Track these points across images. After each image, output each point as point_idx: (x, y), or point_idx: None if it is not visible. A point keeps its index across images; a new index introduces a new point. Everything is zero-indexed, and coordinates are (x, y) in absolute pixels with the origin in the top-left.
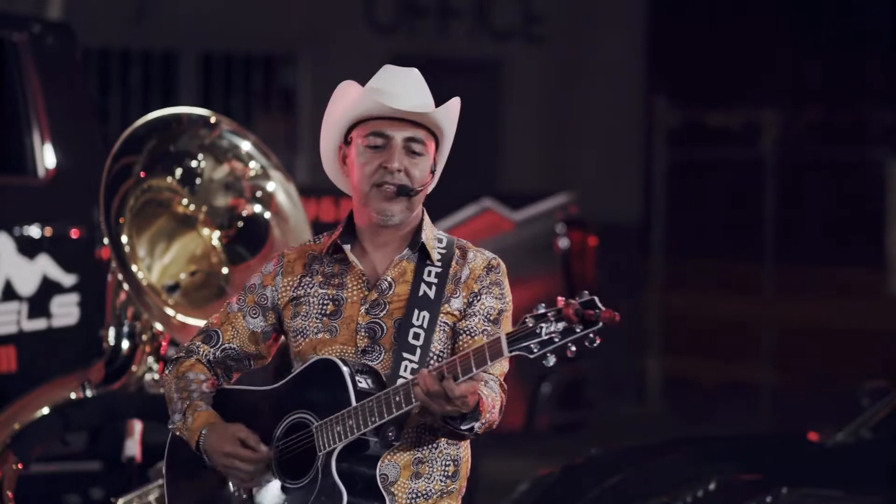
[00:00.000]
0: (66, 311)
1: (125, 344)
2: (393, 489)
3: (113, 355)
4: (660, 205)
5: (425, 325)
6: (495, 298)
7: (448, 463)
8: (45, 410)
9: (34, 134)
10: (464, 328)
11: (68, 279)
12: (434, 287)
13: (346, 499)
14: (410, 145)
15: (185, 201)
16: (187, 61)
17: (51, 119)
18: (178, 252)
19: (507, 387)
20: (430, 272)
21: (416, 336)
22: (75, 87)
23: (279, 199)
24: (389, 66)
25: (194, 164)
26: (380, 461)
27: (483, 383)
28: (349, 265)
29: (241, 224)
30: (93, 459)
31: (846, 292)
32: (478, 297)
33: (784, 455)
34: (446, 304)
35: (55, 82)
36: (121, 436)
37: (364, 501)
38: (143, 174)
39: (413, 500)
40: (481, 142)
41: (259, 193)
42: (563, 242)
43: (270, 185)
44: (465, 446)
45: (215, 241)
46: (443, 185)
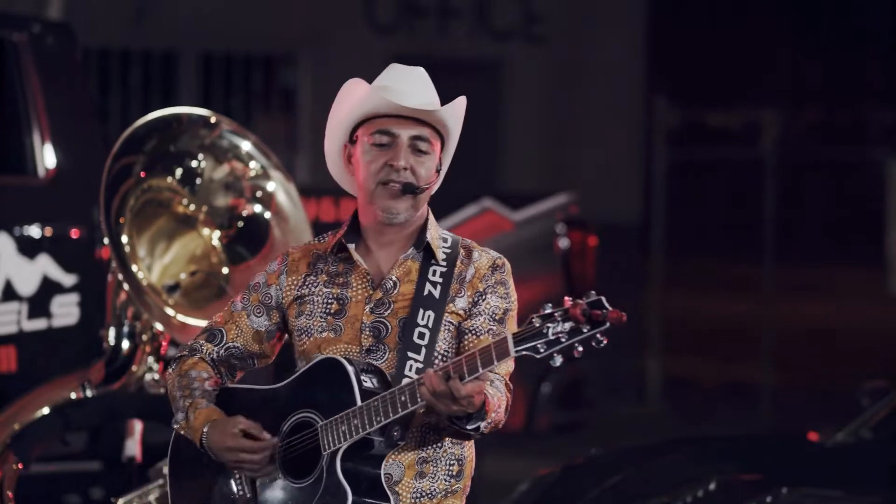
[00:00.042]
0: (66, 311)
1: (125, 344)
2: (397, 488)
3: (113, 355)
4: (660, 205)
5: (430, 324)
6: (500, 298)
7: (452, 462)
8: (45, 410)
9: (34, 134)
10: (469, 328)
11: (68, 279)
12: (439, 286)
13: (350, 498)
14: (416, 144)
15: (185, 201)
16: (187, 61)
17: (51, 119)
18: (178, 252)
19: (512, 386)
20: (435, 271)
21: (422, 336)
22: (75, 87)
23: (279, 199)
24: (396, 65)
25: (194, 164)
26: (384, 460)
27: (489, 383)
28: (354, 264)
29: (241, 224)
30: (93, 459)
31: (846, 292)
32: (483, 297)
33: (784, 455)
34: (451, 304)
35: (55, 82)
36: (121, 436)
37: (368, 501)
38: (143, 174)
39: (417, 500)
40: (481, 142)
41: (259, 193)
42: (563, 242)
43: (271, 185)
44: (469, 446)
45: (215, 241)
46: (443, 184)
